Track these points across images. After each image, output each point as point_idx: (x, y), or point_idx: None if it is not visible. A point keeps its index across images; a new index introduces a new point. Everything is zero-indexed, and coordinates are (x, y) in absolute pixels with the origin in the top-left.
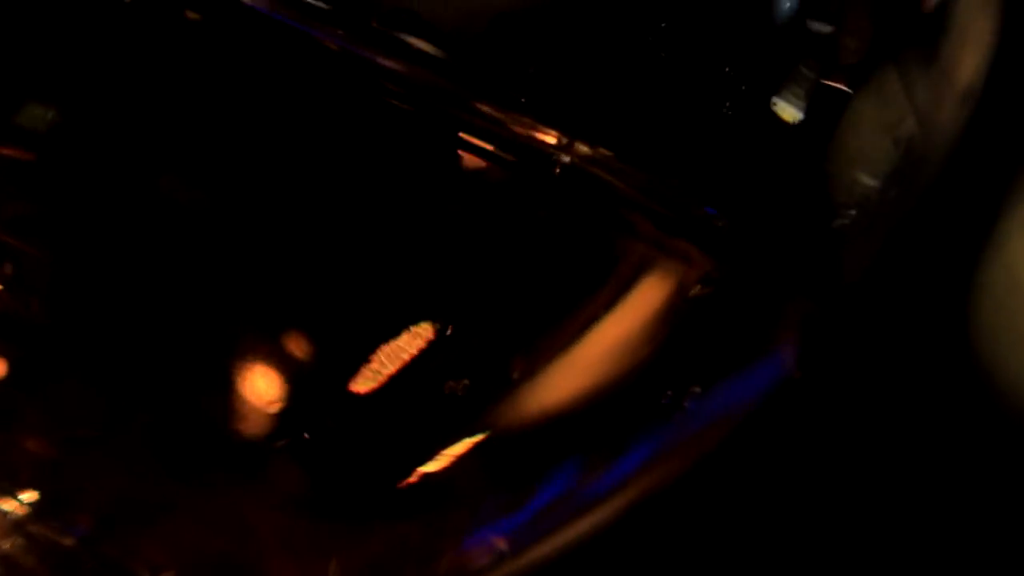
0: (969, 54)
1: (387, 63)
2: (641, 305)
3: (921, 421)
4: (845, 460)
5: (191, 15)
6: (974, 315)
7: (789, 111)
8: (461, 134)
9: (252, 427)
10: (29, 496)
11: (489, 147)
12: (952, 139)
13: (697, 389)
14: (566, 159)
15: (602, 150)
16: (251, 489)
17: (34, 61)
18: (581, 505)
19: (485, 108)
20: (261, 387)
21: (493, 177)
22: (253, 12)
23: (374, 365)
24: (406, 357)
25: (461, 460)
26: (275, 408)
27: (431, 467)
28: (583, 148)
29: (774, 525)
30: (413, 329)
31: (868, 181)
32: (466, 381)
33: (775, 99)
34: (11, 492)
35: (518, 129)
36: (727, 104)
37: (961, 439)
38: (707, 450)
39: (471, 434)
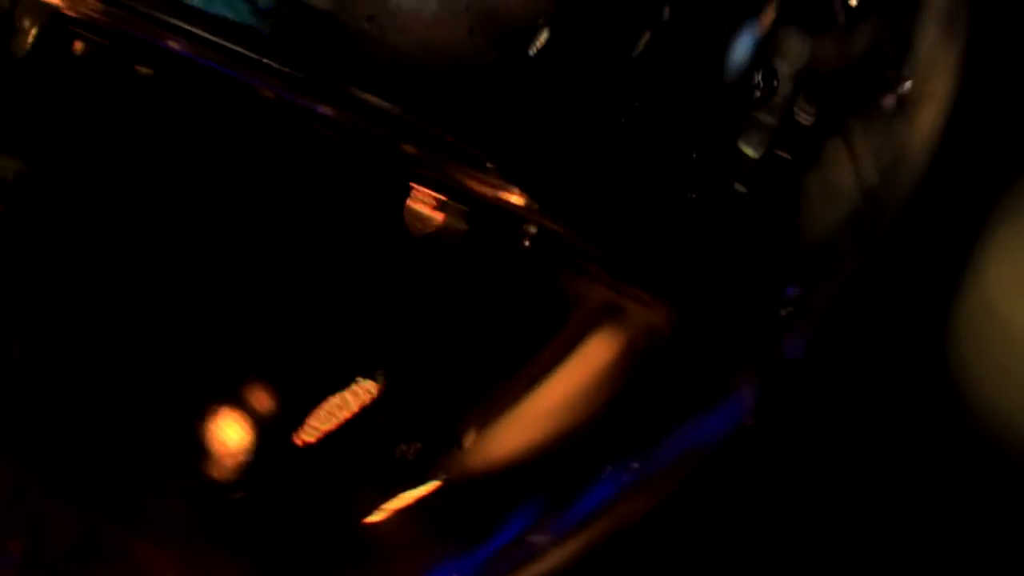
0: (926, 115)
1: (336, 115)
2: (597, 352)
3: (899, 445)
4: (821, 487)
5: (142, 70)
6: (952, 341)
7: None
8: (414, 187)
9: (198, 477)
10: None
11: (444, 201)
12: (907, 197)
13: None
14: (532, 229)
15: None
16: (195, 538)
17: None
18: (536, 550)
19: (441, 166)
20: (209, 438)
21: (447, 233)
22: (199, 65)
23: (320, 419)
24: (353, 411)
25: (408, 511)
26: (225, 460)
27: (376, 518)
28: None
29: (741, 564)
30: (360, 384)
31: (820, 238)
32: (418, 445)
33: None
34: None
35: (477, 187)
36: (689, 178)
37: (939, 463)
38: (665, 494)
39: (419, 485)
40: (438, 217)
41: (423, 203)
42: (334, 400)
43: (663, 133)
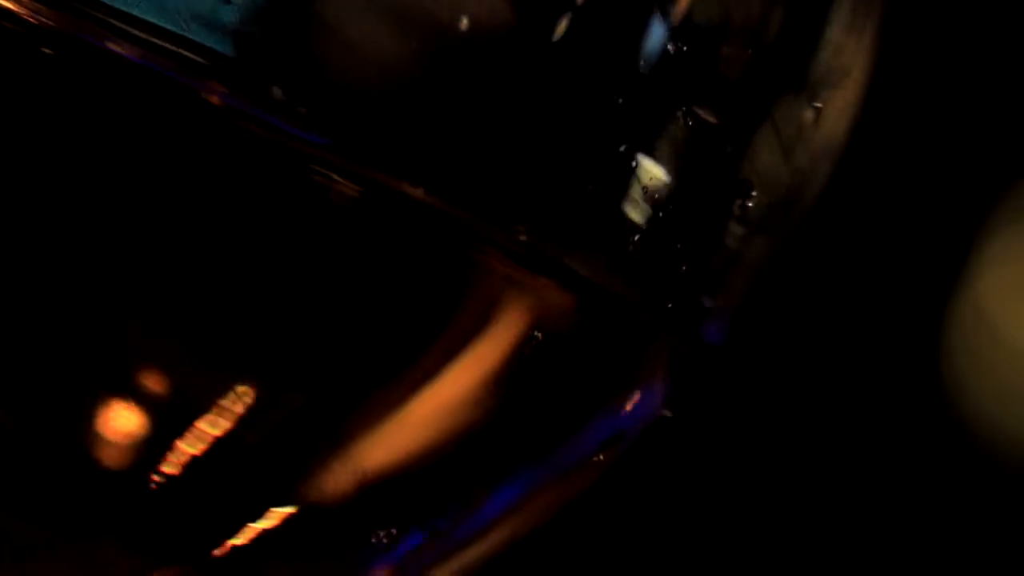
0: (836, 101)
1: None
2: (499, 342)
3: (892, 450)
4: (814, 490)
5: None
6: (945, 348)
7: (655, 170)
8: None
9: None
10: None
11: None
12: (818, 184)
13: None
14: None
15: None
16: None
17: None
18: (447, 549)
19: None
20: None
21: (329, 207)
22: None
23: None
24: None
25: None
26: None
27: (244, 537)
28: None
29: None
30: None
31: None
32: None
33: (640, 157)
34: None
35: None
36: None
37: (931, 468)
38: (580, 489)
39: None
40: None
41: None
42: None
43: (566, 118)
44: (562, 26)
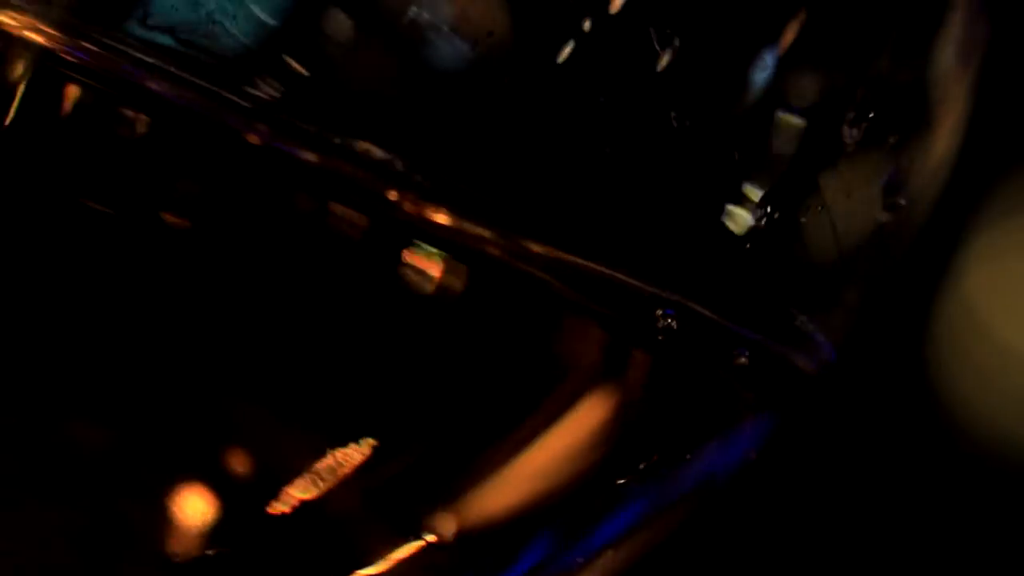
0: (942, 135)
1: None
2: (598, 402)
3: (878, 447)
4: (800, 487)
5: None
6: (931, 343)
7: (741, 218)
8: (412, 246)
9: (185, 538)
10: None
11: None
12: (922, 218)
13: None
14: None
15: (557, 252)
16: None
17: None
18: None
19: (441, 218)
20: (195, 499)
21: (445, 285)
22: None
23: (320, 474)
24: (352, 465)
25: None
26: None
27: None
28: (536, 248)
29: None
30: (360, 442)
31: (830, 264)
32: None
33: (729, 207)
34: None
35: (480, 244)
36: (687, 203)
37: (917, 465)
38: (670, 530)
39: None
40: (437, 275)
41: (423, 259)
42: (332, 457)
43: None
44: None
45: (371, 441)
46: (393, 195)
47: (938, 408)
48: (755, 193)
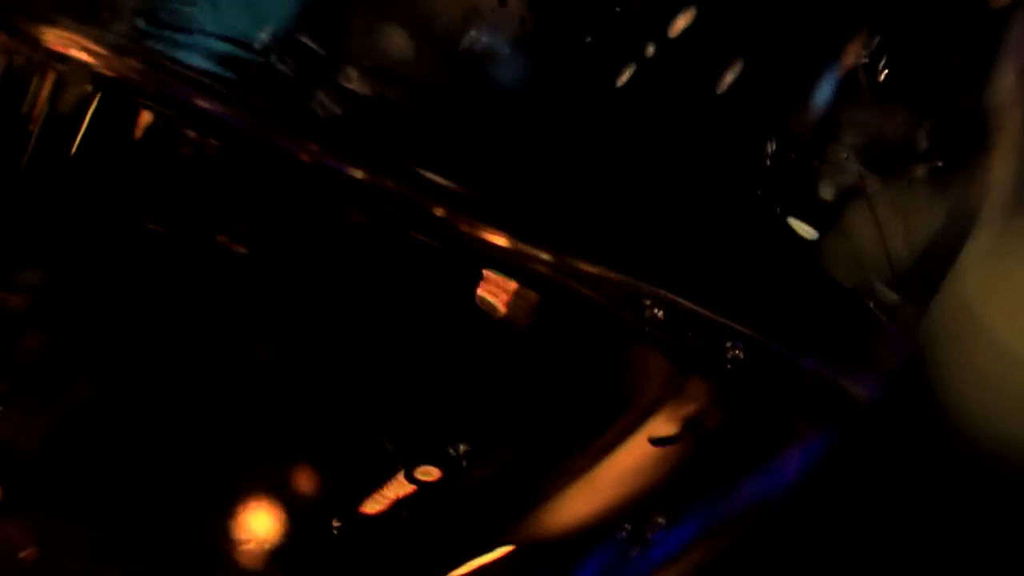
0: (1002, 160)
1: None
2: (659, 426)
3: (877, 447)
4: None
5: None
6: (930, 343)
7: (804, 229)
8: (486, 273)
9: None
10: None
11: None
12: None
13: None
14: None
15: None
16: None
17: None
18: None
19: (503, 241)
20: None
21: (517, 320)
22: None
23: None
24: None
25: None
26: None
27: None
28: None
29: None
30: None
31: (886, 293)
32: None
33: (791, 218)
34: None
35: (547, 271)
36: (750, 218)
37: (916, 465)
38: (719, 553)
39: (507, 544)
40: (504, 308)
41: (493, 290)
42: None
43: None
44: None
45: (442, 460)
46: (458, 222)
47: (936, 406)
48: (809, 223)
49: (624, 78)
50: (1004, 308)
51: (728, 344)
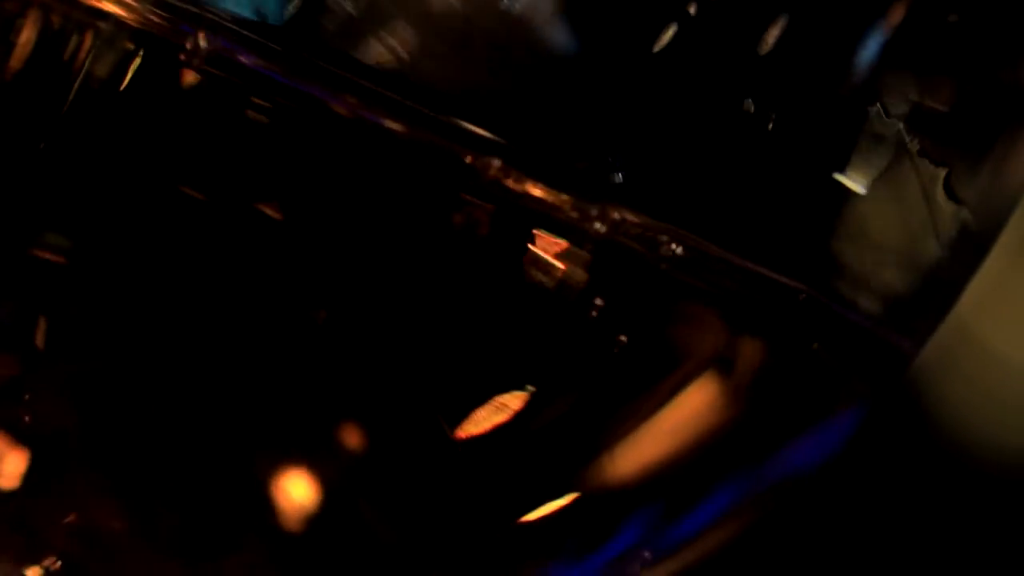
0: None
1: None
2: (712, 384)
3: (866, 461)
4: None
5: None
6: (923, 359)
7: (852, 183)
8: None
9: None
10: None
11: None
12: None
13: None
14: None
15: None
16: None
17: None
18: (660, 550)
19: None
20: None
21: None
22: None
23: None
24: (503, 417)
25: (549, 516)
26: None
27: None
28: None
29: None
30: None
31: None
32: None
33: (838, 175)
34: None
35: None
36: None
37: (906, 479)
38: (767, 511)
39: (560, 494)
40: (560, 267)
41: (546, 251)
42: (491, 404)
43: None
44: None
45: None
46: (507, 178)
47: (928, 421)
48: (852, 183)
49: (666, 37)
50: (998, 316)
51: (785, 297)
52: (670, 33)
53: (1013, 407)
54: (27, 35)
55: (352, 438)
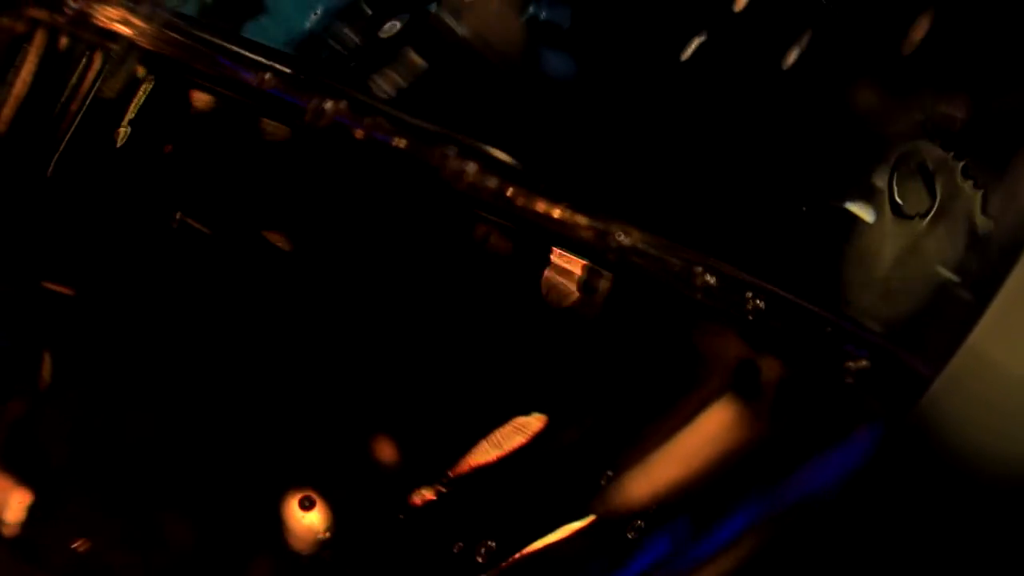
0: None
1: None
2: (730, 405)
3: (880, 476)
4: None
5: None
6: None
7: (862, 212)
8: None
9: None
10: None
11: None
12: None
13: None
14: (709, 278)
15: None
16: None
17: None
18: (678, 571)
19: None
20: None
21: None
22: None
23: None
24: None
25: (567, 538)
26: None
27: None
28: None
29: None
30: (522, 421)
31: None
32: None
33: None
34: None
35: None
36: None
37: (919, 493)
38: (784, 532)
39: (579, 516)
40: (576, 290)
41: (563, 271)
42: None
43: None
44: None
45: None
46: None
47: (930, 434)
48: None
49: (690, 50)
50: (1017, 341)
51: (808, 323)
52: (694, 45)
53: (1022, 423)
54: (31, 60)
55: (366, 458)
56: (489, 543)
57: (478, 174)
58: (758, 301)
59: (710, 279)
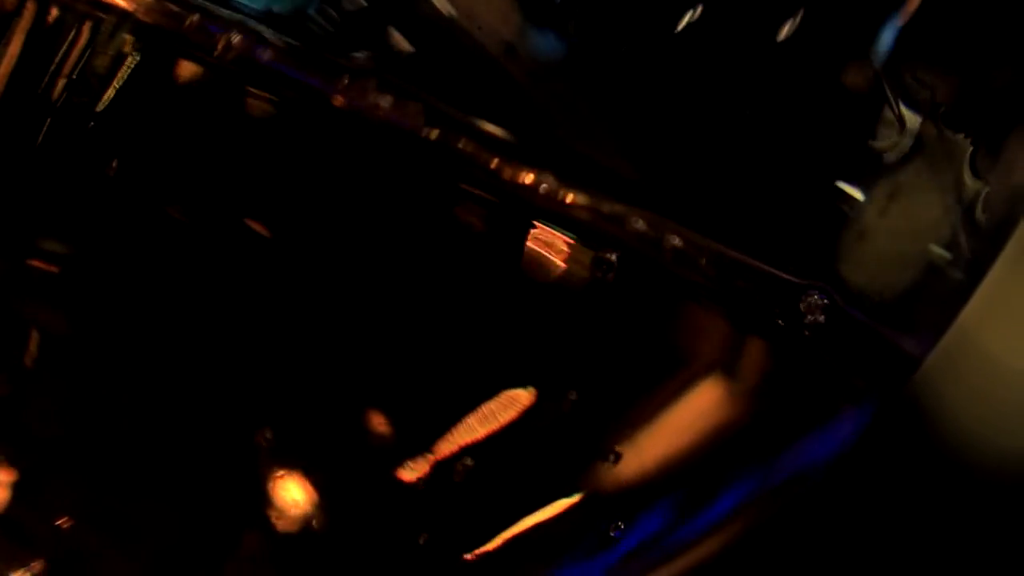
0: None
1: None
2: (718, 384)
3: (868, 458)
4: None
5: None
6: (924, 366)
7: (854, 191)
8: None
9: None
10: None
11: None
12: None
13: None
14: (674, 242)
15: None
16: None
17: None
18: (667, 551)
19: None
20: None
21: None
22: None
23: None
24: (503, 421)
25: (556, 516)
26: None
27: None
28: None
29: None
30: (510, 394)
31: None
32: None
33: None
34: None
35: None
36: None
37: (906, 476)
38: (772, 512)
39: (567, 494)
40: (561, 264)
41: (545, 244)
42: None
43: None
44: None
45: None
46: (518, 174)
47: (928, 426)
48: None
49: (684, 22)
50: (1004, 326)
51: (794, 300)
52: (688, 17)
53: (1015, 414)
54: (19, 34)
55: (352, 436)
56: (477, 515)
57: (466, 144)
58: (743, 280)
59: (701, 259)
